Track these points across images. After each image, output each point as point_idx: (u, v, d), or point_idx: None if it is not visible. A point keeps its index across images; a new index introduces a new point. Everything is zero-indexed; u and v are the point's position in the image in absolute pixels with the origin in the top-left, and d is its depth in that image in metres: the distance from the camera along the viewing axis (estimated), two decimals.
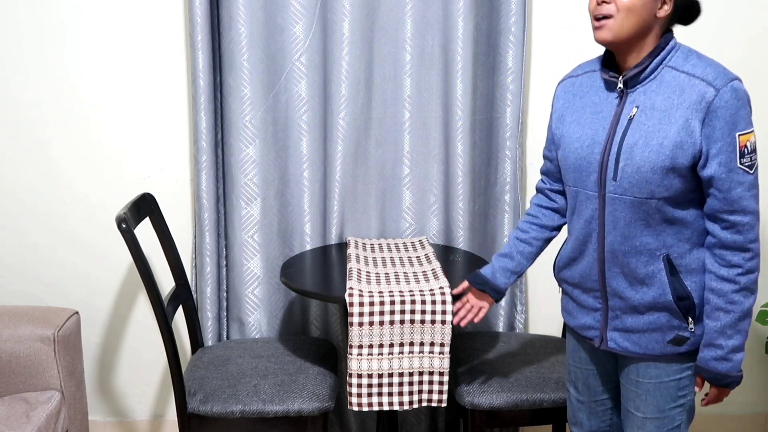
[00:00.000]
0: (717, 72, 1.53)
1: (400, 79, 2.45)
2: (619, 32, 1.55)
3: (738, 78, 1.53)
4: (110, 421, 2.76)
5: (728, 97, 1.49)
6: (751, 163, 1.50)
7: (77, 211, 2.57)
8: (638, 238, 1.60)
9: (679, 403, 1.65)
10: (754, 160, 1.51)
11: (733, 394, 2.81)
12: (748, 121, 1.51)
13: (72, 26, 2.45)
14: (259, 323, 2.56)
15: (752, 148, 1.50)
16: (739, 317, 1.54)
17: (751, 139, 1.50)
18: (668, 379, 1.65)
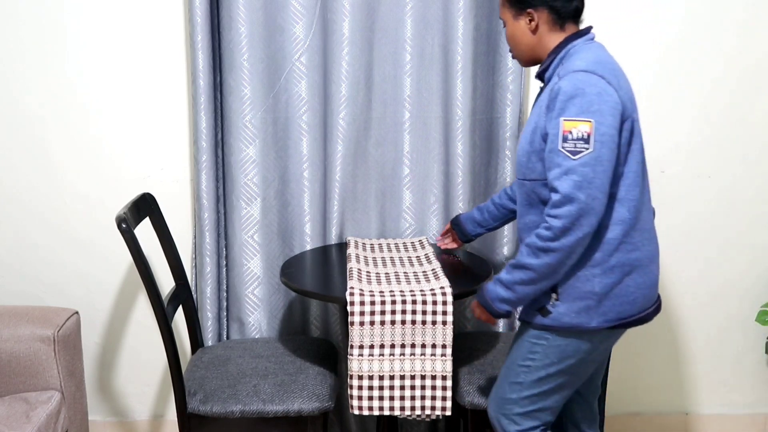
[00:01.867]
0: (572, 65, 1.67)
1: (400, 79, 2.45)
2: (521, 58, 1.85)
3: (589, 71, 1.64)
4: (110, 421, 2.76)
5: (566, 85, 1.63)
6: (574, 150, 1.61)
7: (77, 211, 2.57)
8: (526, 216, 1.80)
9: (524, 363, 1.81)
10: (579, 147, 1.60)
11: (733, 394, 2.83)
12: (581, 111, 1.61)
13: (72, 26, 2.45)
14: (259, 323, 2.56)
15: (579, 137, 1.60)
16: (517, 262, 1.71)
17: (579, 127, 1.60)
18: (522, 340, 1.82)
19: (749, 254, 2.67)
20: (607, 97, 1.62)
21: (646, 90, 2.53)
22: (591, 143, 1.60)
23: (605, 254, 1.70)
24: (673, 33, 2.50)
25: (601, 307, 1.73)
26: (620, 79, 1.69)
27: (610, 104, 1.62)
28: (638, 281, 1.74)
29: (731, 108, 2.56)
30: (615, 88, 1.64)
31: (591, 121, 1.60)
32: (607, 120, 1.61)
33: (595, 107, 1.61)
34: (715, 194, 2.62)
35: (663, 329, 2.72)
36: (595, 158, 1.60)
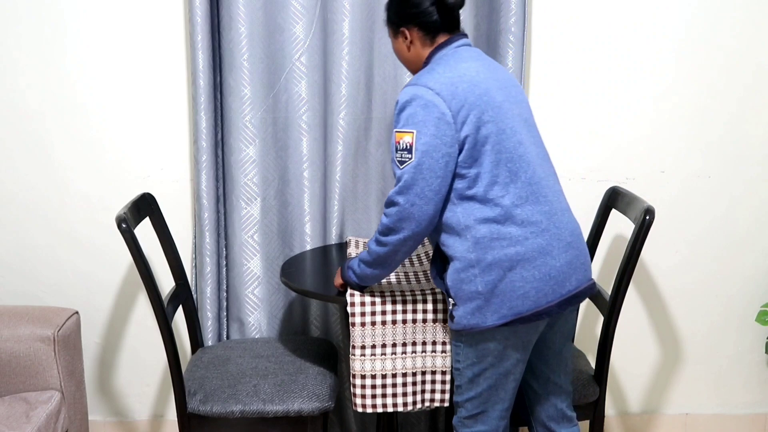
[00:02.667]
0: (413, 79, 1.79)
1: (400, 79, 2.45)
2: (410, 71, 1.94)
3: (419, 84, 1.74)
4: (110, 421, 2.76)
5: (400, 97, 1.76)
6: (401, 159, 1.74)
7: (77, 211, 2.57)
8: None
9: (456, 366, 1.89)
10: (404, 157, 1.73)
11: (733, 394, 2.83)
12: (406, 122, 1.73)
13: (72, 26, 2.45)
14: (259, 323, 2.56)
15: (404, 147, 1.72)
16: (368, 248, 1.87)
17: (404, 138, 1.72)
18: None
19: (749, 254, 2.67)
20: (432, 109, 1.71)
21: (647, 91, 2.53)
22: (413, 152, 1.71)
23: (480, 253, 1.75)
24: (674, 34, 2.50)
25: (491, 305, 1.75)
26: (458, 87, 1.73)
27: (435, 115, 1.70)
28: (525, 275, 1.75)
29: (731, 108, 2.56)
30: (445, 99, 1.71)
31: (413, 132, 1.71)
32: (430, 130, 1.70)
33: (419, 118, 1.71)
34: (715, 194, 2.62)
35: (663, 329, 2.72)
36: (415, 166, 1.71)
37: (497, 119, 1.74)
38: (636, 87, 2.53)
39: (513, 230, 1.74)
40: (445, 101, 1.71)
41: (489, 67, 1.83)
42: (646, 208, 2.03)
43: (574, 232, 1.82)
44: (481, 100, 1.74)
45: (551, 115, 2.54)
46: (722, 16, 2.48)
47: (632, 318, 2.68)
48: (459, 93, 1.72)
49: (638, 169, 2.59)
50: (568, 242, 1.79)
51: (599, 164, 2.58)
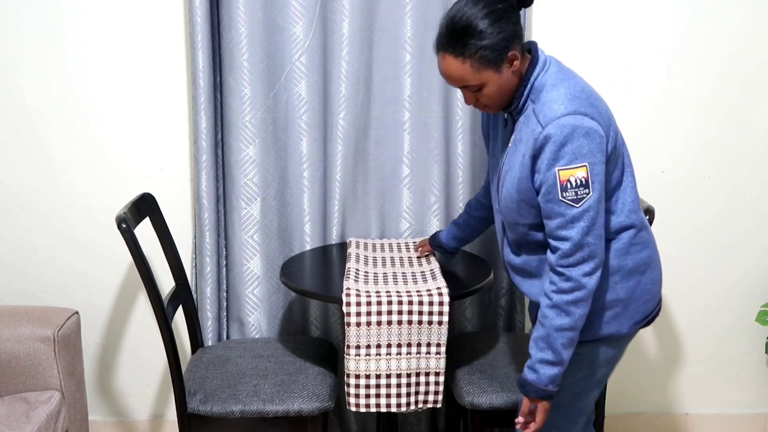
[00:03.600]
0: (550, 109, 1.58)
1: (400, 79, 2.45)
2: (501, 105, 1.71)
3: (574, 112, 1.57)
4: (110, 421, 2.76)
5: (553, 132, 1.56)
6: (576, 198, 1.57)
7: (77, 211, 2.58)
8: (516, 255, 1.79)
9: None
10: (581, 194, 1.56)
11: (733, 394, 2.83)
12: (574, 157, 1.56)
13: (72, 26, 2.45)
14: (259, 323, 2.56)
15: (579, 183, 1.56)
16: (548, 332, 1.63)
17: (576, 174, 1.56)
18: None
19: (749, 254, 2.67)
20: (594, 135, 1.57)
21: (648, 91, 2.53)
22: (590, 187, 1.57)
23: (620, 260, 1.70)
24: (675, 35, 2.49)
25: (628, 311, 1.73)
26: (595, 100, 1.64)
27: (597, 141, 1.57)
28: (653, 276, 1.76)
29: (732, 109, 2.55)
30: (597, 120, 1.59)
31: (586, 165, 1.56)
32: (598, 157, 1.58)
33: (586, 149, 1.56)
34: (715, 195, 2.62)
35: (663, 329, 2.72)
36: (596, 200, 1.58)
37: (616, 127, 1.69)
38: (636, 87, 2.53)
39: (643, 234, 1.74)
40: (599, 124, 1.58)
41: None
42: (646, 208, 2.04)
43: None
44: (608, 110, 1.67)
45: None
46: (722, 16, 2.48)
47: None
48: (601, 109, 1.63)
49: (638, 169, 2.57)
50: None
51: None
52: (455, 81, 1.65)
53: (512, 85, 1.66)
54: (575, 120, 1.56)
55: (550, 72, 1.65)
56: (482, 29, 1.57)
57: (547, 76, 1.65)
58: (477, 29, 1.57)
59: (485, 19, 1.57)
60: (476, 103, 1.71)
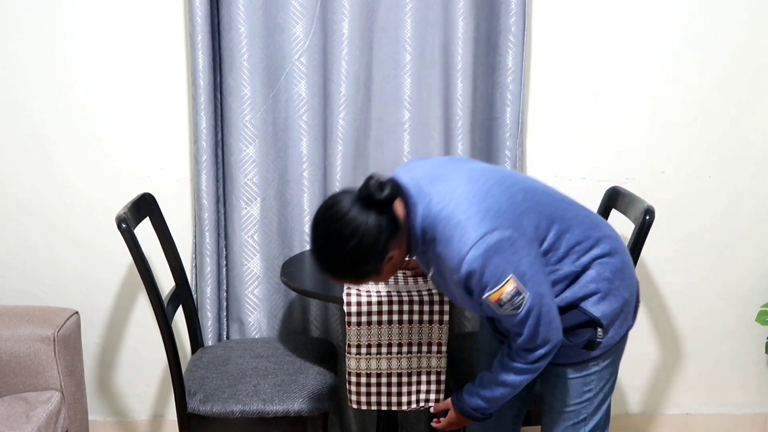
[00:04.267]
0: (453, 251, 1.55)
1: (400, 79, 2.45)
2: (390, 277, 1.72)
3: (474, 242, 1.53)
4: (110, 421, 2.76)
5: (467, 272, 1.55)
6: (514, 306, 1.57)
7: (77, 211, 2.57)
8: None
9: (585, 398, 1.79)
10: (517, 302, 1.56)
11: (733, 394, 2.83)
12: (496, 279, 1.55)
13: (72, 26, 2.45)
14: (259, 323, 2.56)
15: (509, 296, 1.56)
16: (496, 380, 1.71)
17: (506, 291, 1.55)
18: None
19: (749, 254, 2.67)
20: (504, 243, 1.54)
21: (647, 91, 2.53)
22: (523, 291, 1.56)
23: (609, 272, 1.70)
24: (674, 34, 2.49)
25: (631, 303, 1.77)
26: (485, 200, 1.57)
27: (509, 245, 1.55)
28: (622, 250, 1.76)
29: (732, 109, 2.55)
30: (497, 225, 1.54)
31: (509, 278, 1.54)
32: (518, 257, 1.56)
33: (503, 264, 1.54)
34: (715, 195, 2.62)
35: (663, 329, 2.72)
36: (536, 296, 1.58)
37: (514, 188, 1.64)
38: (636, 87, 2.53)
39: (606, 247, 1.70)
40: (501, 226, 1.55)
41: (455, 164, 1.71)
42: (646, 208, 2.03)
43: None
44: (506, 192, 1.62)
45: (551, 116, 2.54)
46: (722, 16, 2.48)
47: None
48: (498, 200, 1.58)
49: (638, 169, 2.59)
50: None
51: (599, 164, 2.58)
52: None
53: (398, 259, 1.65)
54: (478, 249, 1.53)
55: (433, 203, 1.59)
56: (353, 270, 1.60)
57: (433, 210, 1.58)
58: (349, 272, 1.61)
59: (352, 264, 1.58)
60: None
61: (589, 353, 1.72)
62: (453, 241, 1.55)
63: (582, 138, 2.56)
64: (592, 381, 1.77)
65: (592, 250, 1.68)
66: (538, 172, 2.57)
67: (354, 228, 1.53)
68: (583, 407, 1.79)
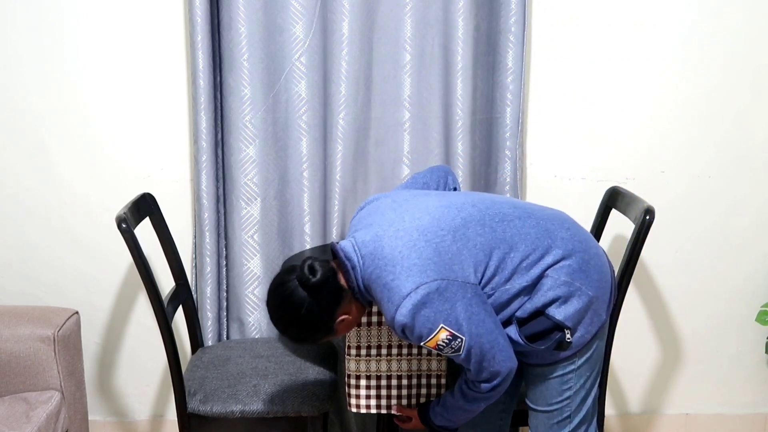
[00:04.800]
0: (386, 312, 1.66)
1: (400, 79, 2.45)
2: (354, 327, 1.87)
3: (400, 304, 1.62)
4: (110, 421, 2.76)
5: (398, 327, 1.65)
6: (453, 349, 1.66)
7: (77, 212, 2.57)
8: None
9: (566, 396, 1.83)
10: (455, 345, 1.65)
11: (733, 394, 2.83)
12: (428, 330, 1.63)
13: (72, 26, 2.45)
14: (259, 323, 2.56)
15: (445, 343, 1.64)
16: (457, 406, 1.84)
17: (440, 338, 1.63)
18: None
19: (749, 254, 2.67)
20: (432, 296, 1.61)
21: (647, 91, 2.53)
22: (458, 334, 1.64)
23: (561, 273, 1.72)
24: (674, 34, 2.50)
25: (601, 298, 1.78)
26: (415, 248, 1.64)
27: (437, 296, 1.62)
28: (600, 263, 1.79)
29: (732, 109, 2.55)
30: (425, 275, 1.61)
31: (441, 326, 1.63)
32: (449, 304, 1.62)
33: (432, 315, 1.62)
34: (715, 194, 2.62)
35: (663, 330, 2.72)
36: (471, 338, 1.64)
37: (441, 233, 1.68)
38: (636, 87, 2.53)
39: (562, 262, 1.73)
40: (430, 272, 1.62)
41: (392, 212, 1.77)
42: (646, 208, 2.03)
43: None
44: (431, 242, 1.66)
45: (551, 116, 2.54)
46: (723, 16, 2.48)
47: (632, 318, 2.68)
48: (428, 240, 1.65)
49: (638, 169, 2.59)
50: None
51: (599, 164, 2.58)
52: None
53: (356, 314, 1.78)
54: (405, 308, 1.61)
55: (366, 265, 1.69)
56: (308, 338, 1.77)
57: (366, 273, 1.69)
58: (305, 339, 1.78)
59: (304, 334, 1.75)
60: None
61: (561, 354, 1.77)
62: (383, 302, 1.67)
63: (582, 138, 2.56)
64: (571, 379, 1.81)
65: (542, 260, 1.72)
66: (537, 172, 2.57)
67: (296, 308, 1.69)
68: (566, 405, 1.84)
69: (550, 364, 1.80)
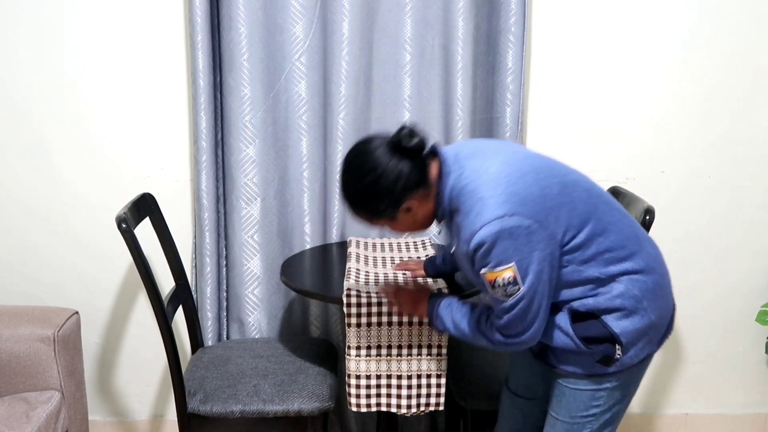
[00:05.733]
0: (471, 222, 1.58)
1: (400, 79, 2.45)
2: (421, 228, 1.76)
3: (493, 219, 1.54)
4: (110, 421, 2.76)
5: (475, 244, 1.57)
6: (505, 294, 1.58)
7: (77, 212, 2.58)
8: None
9: (590, 412, 1.74)
10: (510, 291, 1.57)
11: (733, 394, 2.83)
12: (498, 261, 1.56)
13: (72, 26, 2.45)
14: (259, 323, 2.56)
15: (506, 282, 1.57)
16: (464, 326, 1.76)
17: (503, 276, 1.56)
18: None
19: (749, 254, 2.67)
20: (519, 232, 1.54)
21: (647, 91, 2.53)
22: (519, 282, 1.56)
23: (635, 286, 1.66)
24: (674, 34, 2.50)
25: (661, 326, 1.73)
26: (520, 187, 1.57)
27: (524, 235, 1.54)
28: (663, 271, 1.75)
29: (732, 109, 2.55)
30: (522, 213, 1.54)
31: (511, 265, 1.55)
32: (528, 250, 1.55)
33: (511, 250, 1.55)
34: (715, 194, 2.62)
35: None
36: (528, 291, 1.57)
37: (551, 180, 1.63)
38: (636, 87, 2.53)
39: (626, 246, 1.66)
40: (525, 215, 1.55)
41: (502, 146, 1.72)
42: (646, 208, 2.03)
43: None
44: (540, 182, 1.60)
45: (551, 116, 2.54)
46: (723, 16, 2.48)
47: None
48: (531, 190, 1.57)
49: (638, 169, 2.59)
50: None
51: (599, 164, 2.58)
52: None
53: (423, 215, 1.70)
54: (492, 228, 1.54)
55: (465, 175, 1.62)
56: (365, 205, 1.67)
57: (462, 182, 1.62)
58: (362, 206, 1.68)
59: (365, 198, 1.66)
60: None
61: (604, 368, 1.68)
62: (471, 214, 1.58)
63: (582, 138, 2.56)
64: (602, 397, 1.72)
65: (624, 261, 1.64)
66: None
67: (374, 165, 1.61)
68: (588, 422, 1.75)
69: (585, 376, 1.71)
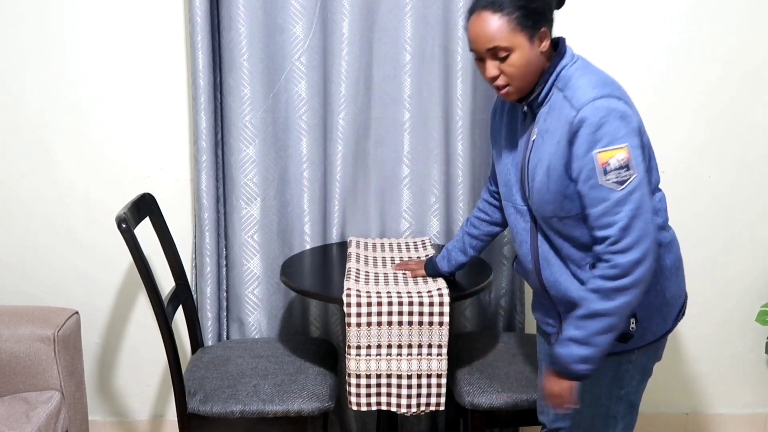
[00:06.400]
0: (583, 93, 1.54)
1: (400, 79, 2.45)
2: (523, 89, 1.63)
3: (608, 95, 1.52)
4: (110, 421, 2.76)
5: (587, 116, 1.50)
6: (618, 180, 1.49)
7: (77, 212, 2.58)
8: (565, 249, 1.66)
9: (617, 394, 1.73)
10: (623, 176, 1.49)
11: (733, 394, 2.83)
12: (612, 138, 1.49)
13: (72, 26, 2.45)
14: (259, 323, 2.56)
15: (620, 165, 1.49)
16: (586, 314, 1.55)
17: (616, 155, 1.49)
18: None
19: (749, 254, 2.67)
20: (630, 119, 1.51)
21: (648, 90, 2.53)
22: (632, 167, 1.49)
23: (663, 261, 1.65)
24: (675, 33, 2.49)
25: (674, 306, 1.73)
26: (625, 93, 1.59)
27: (634, 125, 1.52)
28: (680, 255, 1.74)
29: (731, 108, 2.55)
30: (631, 107, 1.55)
31: (625, 146, 1.48)
32: (635, 140, 1.51)
33: (623, 132, 1.49)
34: (715, 194, 2.62)
35: None
36: (640, 181, 1.50)
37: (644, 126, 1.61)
38: (635, 87, 2.51)
39: (671, 231, 1.71)
40: (634, 111, 1.54)
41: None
42: None
43: None
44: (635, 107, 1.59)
45: None
46: (723, 15, 2.48)
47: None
48: (632, 103, 1.57)
49: None
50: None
51: None
52: (486, 40, 1.57)
53: (538, 66, 1.60)
54: (609, 103, 1.50)
55: (578, 64, 1.61)
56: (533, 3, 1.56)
57: (574, 68, 1.60)
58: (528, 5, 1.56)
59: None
60: (497, 79, 1.62)
61: (623, 345, 1.64)
62: (587, 87, 1.53)
63: None
64: (625, 378, 1.70)
65: (660, 230, 1.64)
66: None
67: None
68: (614, 404, 1.73)
69: (605, 356, 1.61)
